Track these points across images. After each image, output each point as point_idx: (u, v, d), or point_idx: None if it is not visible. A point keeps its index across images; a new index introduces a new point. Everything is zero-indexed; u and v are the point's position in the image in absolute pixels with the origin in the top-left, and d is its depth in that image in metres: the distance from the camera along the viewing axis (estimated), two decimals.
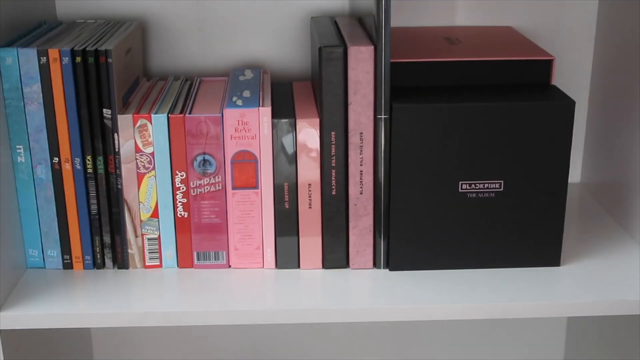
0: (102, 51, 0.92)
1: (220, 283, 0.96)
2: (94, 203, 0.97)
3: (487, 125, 0.93)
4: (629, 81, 1.07)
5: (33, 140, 0.94)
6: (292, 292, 0.95)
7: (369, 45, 0.92)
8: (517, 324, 1.33)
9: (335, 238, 0.98)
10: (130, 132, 0.95)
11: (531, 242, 0.97)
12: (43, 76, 0.92)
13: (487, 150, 0.94)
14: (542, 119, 0.93)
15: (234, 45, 1.15)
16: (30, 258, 0.99)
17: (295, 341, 1.32)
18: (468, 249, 0.98)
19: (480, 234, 0.97)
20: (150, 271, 0.99)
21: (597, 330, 1.21)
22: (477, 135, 0.94)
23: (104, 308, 0.91)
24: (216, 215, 0.98)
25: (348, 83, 0.93)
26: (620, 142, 1.10)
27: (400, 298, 0.93)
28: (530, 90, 0.97)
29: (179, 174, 0.96)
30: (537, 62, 0.99)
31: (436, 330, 1.32)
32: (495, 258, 0.98)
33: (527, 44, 1.06)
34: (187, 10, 1.14)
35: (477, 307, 0.91)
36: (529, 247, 0.98)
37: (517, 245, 0.97)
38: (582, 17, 1.17)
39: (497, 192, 0.96)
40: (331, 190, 0.96)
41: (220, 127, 0.95)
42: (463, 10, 1.16)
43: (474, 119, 0.93)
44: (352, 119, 0.94)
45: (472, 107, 0.93)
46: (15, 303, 0.92)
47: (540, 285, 0.95)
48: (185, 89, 1.05)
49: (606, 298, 0.92)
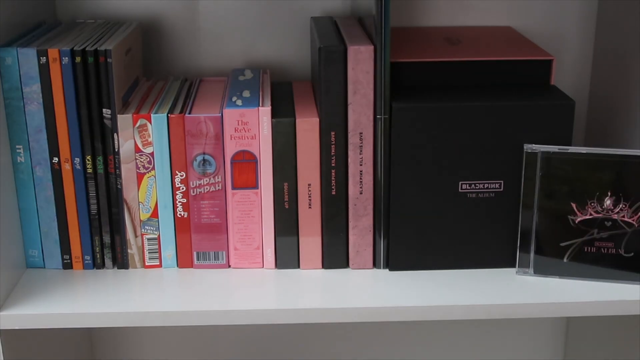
0: (101, 51, 0.92)
1: (220, 283, 0.96)
2: (94, 203, 0.97)
3: (487, 125, 0.93)
4: (629, 81, 1.07)
5: (33, 140, 0.94)
6: (292, 292, 0.95)
7: (369, 45, 0.92)
8: (518, 324, 1.33)
9: (335, 238, 0.98)
10: (130, 132, 0.95)
11: None
12: (43, 76, 0.92)
13: (487, 150, 0.94)
14: (542, 119, 0.93)
15: (233, 45, 1.15)
16: (30, 258, 0.99)
17: (295, 341, 1.32)
18: (468, 249, 0.98)
19: (480, 234, 0.97)
20: (150, 271, 0.99)
21: (597, 330, 1.21)
22: (477, 135, 0.94)
23: (104, 308, 0.91)
24: (216, 215, 0.97)
25: (348, 83, 0.93)
26: (620, 142, 1.10)
27: (400, 298, 0.93)
28: (530, 90, 0.97)
29: (178, 174, 0.96)
30: (537, 62, 0.99)
31: (436, 330, 1.32)
32: (495, 258, 0.98)
33: (527, 44, 1.06)
34: (187, 10, 1.14)
35: (477, 307, 0.91)
36: None
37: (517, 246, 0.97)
38: (582, 17, 1.17)
39: (497, 192, 0.96)
40: (331, 190, 0.96)
41: (220, 127, 0.95)
42: (463, 10, 1.16)
43: (474, 119, 0.93)
44: (352, 119, 0.94)
45: (472, 107, 0.93)
46: (15, 303, 0.92)
47: (540, 286, 0.95)
48: (185, 89, 1.05)
49: (606, 298, 0.92)
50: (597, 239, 0.94)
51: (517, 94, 0.96)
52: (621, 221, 0.93)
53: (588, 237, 0.94)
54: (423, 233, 0.97)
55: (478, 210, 0.96)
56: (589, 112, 1.21)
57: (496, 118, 0.93)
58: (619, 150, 0.92)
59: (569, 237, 0.94)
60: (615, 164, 0.92)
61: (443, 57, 0.99)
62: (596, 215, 0.93)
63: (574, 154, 0.92)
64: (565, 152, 0.92)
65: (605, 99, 1.15)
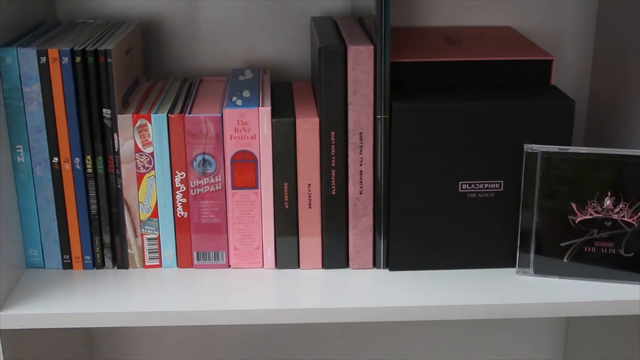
0: (101, 51, 0.92)
1: (220, 283, 0.96)
2: (94, 203, 0.97)
3: (487, 125, 0.93)
4: (629, 81, 1.07)
5: (33, 140, 0.94)
6: (292, 292, 0.95)
7: (369, 45, 0.92)
8: (518, 324, 1.33)
9: (335, 238, 0.98)
10: (130, 132, 0.95)
11: None
12: (43, 76, 0.92)
13: (487, 150, 0.94)
14: (542, 119, 0.93)
15: (233, 45, 1.15)
16: (30, 258, 0.99)
17: (295, 341, 1.32)
18: (468, 249, 0.98)
19: (480, 234, 0.97)
20: (150, 271, 0.99)
21: (597, 330, 1.21)
22: (477, 135, 0.94)
23: (104, 308, 0.91)
24: (216, 215, 0.97)
25: (348, 83, 0.93)
26: (619, 141, 1.10)
27: (400, 298, 0.93)
28: (530, 90, 0.97)
29: (178, 174, 0.96)
30: (537, 62, 0.99)
31: (436, 330, 1.32)
32: (495, 258, 0.98)
33: (527, 44, 1.06)
34: (187, 10, 1.14)
35: (477, 307, 0.91)
36: None
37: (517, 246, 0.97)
38: (582, 17, 1.17)
39: (497, 192, 0.96)
40: (331, 190, 0.96)
41: (220, 127, 0.95)
42: (463, 10, 1.16)
43: (474, 119, 0.93)
44: (352, 119, 0.94)
45: (472, 107, 0.93)
46: (15, 303, 0.92)
47: (540, 286, 0.95)
48: (185, 88, 1.05)
49: (606, 298, 0.92)
50: (597, 239, 0.94)
51: (517, 94, 0.96)
52: (621, 221, 0.93)
53: (588, 237, 0.94)
54: (423, 233, 0.97)
55: (478, 210, 0.96)
56: (589, 112, 1.21)
57: (496, 118, 0.93)
58: (618, 150, 0.92)
59: (569, 237, 0.94)
60: (615, 164, 0.92)
61: (443, 57, 0.99)
62: (596, 215, 0.93)
63: (574, 154, 0.92)
64: (565, 152, 0.92)
65: (605, 99, 1.15)
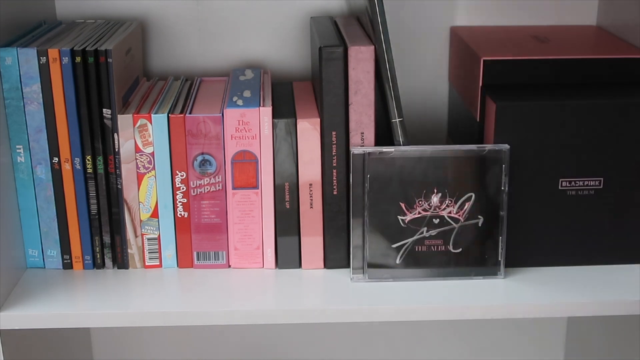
0: (102, 51, 0.92)
1: (220, 283, 0.96)
2: (94, 203, 0.97)
3: (589, 123, 0.93)
4: None
5: (33, 140, 0.94)
6: (293, 292, 0.95)
7: (369, 45, 0.92)
8: (518, 324, 1.33)
9: (336, 238, 0.98)
10: (130, 132, 0.95)
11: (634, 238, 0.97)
12: (43, 76, 0.92)
13: (588, 147, 0.94)
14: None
15: (234, 45, 1.15)
16: (30, 258, 0.99)
17: (296, 341, 1.32)
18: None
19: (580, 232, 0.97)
20: (150, 271, 0.99)
21: (597, 330, 1.21)
22: (578, 133, 0.93)
23: (104, 308, 0.91)
24: (216, 215, 0.97)
25: (349, 83, 0.93)
26: None
27: (400, 298, 0.93)
28: (627, 88, 0.97)
29: (179, 174, 0.96)
30: (631, 60, 0.98)
31: (436, 330, 1.32)
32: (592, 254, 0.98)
33: (617, 42, 1.06)
34: (187, 10, 1.14)
35: (477, 308, 0.91)
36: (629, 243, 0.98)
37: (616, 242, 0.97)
38: (582, 17, 1.17)
39: (597, 190, 0.95)
40: (332, 190, 0.96)
41: (221, 127, 0.94)
42: (463, 11, 1.16)
43: (575, 116, 0.92)
44: (353, 119, 0.94)
45: (573, 105, 0.92)
46: (15, 303, 0.92)
47: (540, 286, 0.95)
48: (186, 89, 1.05)
49: (606, 298, 0.92)
50: (427, 237, 0.94)
51: (615, 92, 0.95)
52: (448, 217, 0.93)
53: (418, 236, 0.94)
54: None
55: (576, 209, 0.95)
56: None
57: (596, 116, 0.92)
58: (439, 147, 0.91)
59: (400, 238, 0.94)
60: (438, 160, 0.91)
61: (536, 55, 0.98)
62: (424, 214, 0.93)
63: (398, 152, 0.91)
64: (390, 152, 0.91)
65: None
